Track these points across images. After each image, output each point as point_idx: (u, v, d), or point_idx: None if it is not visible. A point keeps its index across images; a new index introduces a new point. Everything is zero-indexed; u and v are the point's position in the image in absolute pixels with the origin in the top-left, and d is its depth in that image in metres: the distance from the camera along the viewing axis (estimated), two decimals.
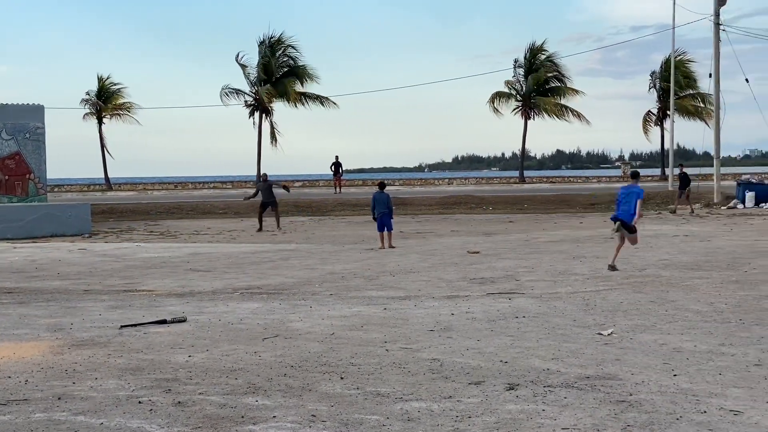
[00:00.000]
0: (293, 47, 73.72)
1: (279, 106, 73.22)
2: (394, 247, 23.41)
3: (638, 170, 21.90)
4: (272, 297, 14.99)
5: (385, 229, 24.05)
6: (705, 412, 7.32)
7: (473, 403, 7.73)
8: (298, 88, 72.53)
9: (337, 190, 56.91)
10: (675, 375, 8.66)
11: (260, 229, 31.90)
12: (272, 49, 72.13)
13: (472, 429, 7.01)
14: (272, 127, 72.06)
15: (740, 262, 18.46)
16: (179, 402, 7.94)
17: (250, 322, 12.40)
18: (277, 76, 72.03)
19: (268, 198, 32.50)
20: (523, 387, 8.28)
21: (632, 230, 17.76)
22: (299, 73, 72.80)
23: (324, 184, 69.63)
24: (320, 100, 73.18)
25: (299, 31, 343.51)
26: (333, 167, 58.22)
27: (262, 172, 38.61)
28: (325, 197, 51.36)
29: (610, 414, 7.31)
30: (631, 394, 7.93)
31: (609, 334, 10.88)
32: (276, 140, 71.97)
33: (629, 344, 10.30)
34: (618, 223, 17.79)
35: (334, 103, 73.48)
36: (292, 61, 73.62)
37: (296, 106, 72.81)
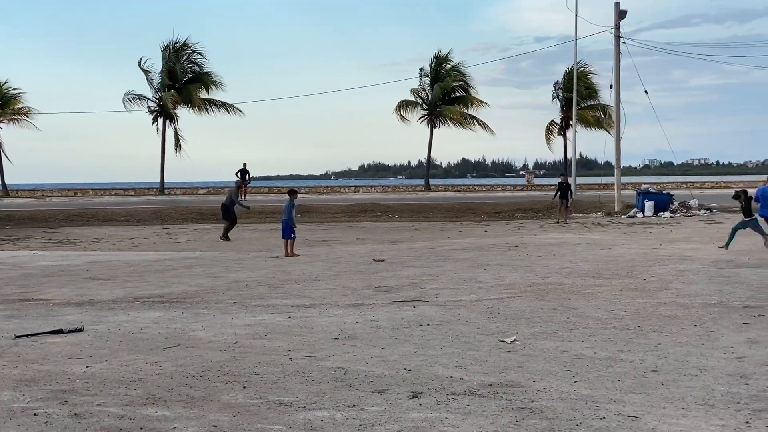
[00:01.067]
0: (198, 53, 73.17)
1: (183, 113, 72.59)
2: (297, 255, 23.34)
3: None
4: (174, 306, 14.78)
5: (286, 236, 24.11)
6: (604, 418, 7.42)
7: (377, 412, 7.71)
8: (203, 94, 71.97)
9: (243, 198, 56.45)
10: (575, 381, 8.77)
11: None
12: (177, 54, 71.43)
13: None
14: (176, 134, 71.35)
15: (639, 270, 18.82)
16: (76, 414, 7.75)
17: (150, 331, 12.19)
18: (182, 82, 71.36)
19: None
20: (426, 395, 8.29)
21: None
22: (204, 79, 72.26)
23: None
24: (225, 107, 72.70)
25: (205, 38, 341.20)
26: (239, 174, 57.69)
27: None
28: None
29: (512, 421, 7.36)
30: (532, 401, 8.00)
31: (512, 342, 10.98)
32: (180, 147, 71.26)
33: (531, 351, 10.40)
34: None
35: (240, 111, 73.08)
36: (197, 67, 73.06)
37: (201, 113, 72.19)
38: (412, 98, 78.09)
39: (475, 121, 77.26)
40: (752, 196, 23.64)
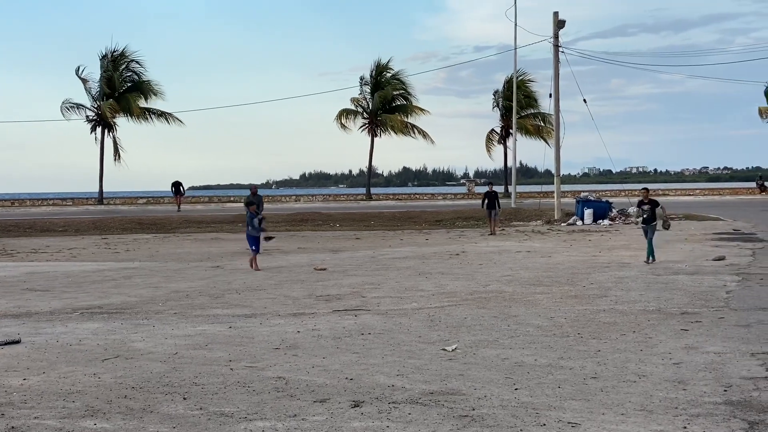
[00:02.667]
0: (137, 62, 72.65)
1: (122, 122, 71.96)
2: (258, 269, 22.35)
3: None
4: (113, 317, 14.61)
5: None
6: (544, 424, 7.47)
7: (318, 421, 7.69)
8: (142, 103, 71.41)
9: (179, 208, 56.52)
10: (516, 389, 8.82)
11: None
12: (115, 63, 70.85)
13: None
14: (115, 143, 70.74)
15: (579, 278, 18.99)
16: (13, 427, 7.63)
17: (89, 342, 12.04)
18: (120, 90, 70.73)
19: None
20: (368, 404, 8.28)
21: None
22: (143, 88, 71.74)
23: (169, 201, 68.52)
24: (165, 116, 72.18)
25: (144, 46, 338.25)
26: (173, 186, 57.65)
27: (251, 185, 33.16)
28: (169, 214, 50.59)
29: (453, 429, 7.38)
30: (473, 409, 8.03)
31: (453, 350, 11.01)
32: (119, 156, 70.67)
33: (472, 359, 10.45)
34: None
35: (179, 120, 72.61)
36: (136, 76, 72.51)
37: (140, 122, 71.61)
38: (353, 107, 78.19)
39: (415, 129, 77.62)
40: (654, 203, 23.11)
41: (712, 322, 12.88)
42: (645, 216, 22.60)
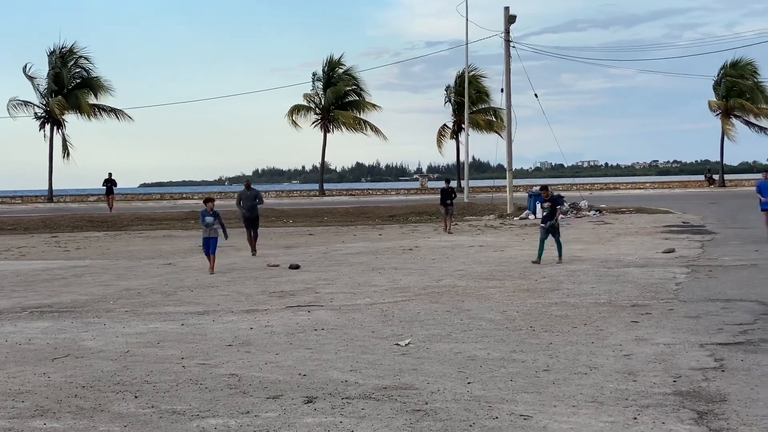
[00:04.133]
0: (86, 58, 71.79)
1: (72, 119, 71.13)
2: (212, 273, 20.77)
3: None
4: (64, 315, 14.47)
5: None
6: (497, 417, 7.51)
7: (271, 418, 7.67)
8: (92, 100, 70.66)
9: (110, 208, 51.80)
10: (469, 383, 8.86)
11: (254, 253, 25.98)
12: (63, 59, 70.01)
13: None
14: (64, 140, 69.91)
15: (531, 272, 19.11)
16: None
17: (39, 342, 11.91)
18: (69, 87, 69.93)
19: (251, 212, 26.87)
20: (321, 399, 8.27)
21: None
22: (93, 84, 70.96)
23: (120, 199, 67.90)
24: (115, 112, 71.51)
25: (93, 43, 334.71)
26: (105, 184, 54.24)
27: (246, 180, 29.04)
28: (121, 211, 50.13)
29: (406, 423, 7.39)
30: (426, 403, 8.05)
31: (406, 345, 11.03)
32: (69, 154, 69.84)
33: (426, 354, 10.47)
34: None
35: (129, 117, 71.97)
36: (85, 73, 71.69)
37: (90, 119, 70.88)
38: (305, 103, 77.93)
39: (367, 125, 77.50)
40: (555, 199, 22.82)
41: (662, 313, 13.02)
42: (545, 214, 21.99)
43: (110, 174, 54.08)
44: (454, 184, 38.14)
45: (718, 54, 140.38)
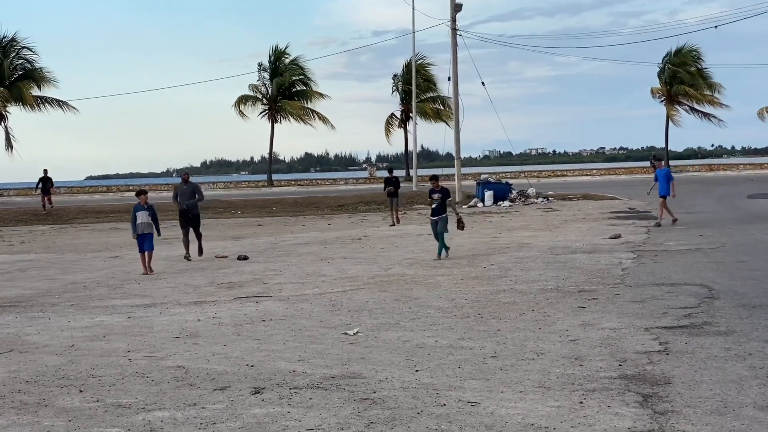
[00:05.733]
0: (29, 48, 70.59)
1: (15, 111, 70.02)
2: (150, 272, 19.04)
3: None
4: (7, 310, 14.28)
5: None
6: (444, 405, 7.53)
7: (218, 409, 7.62)
8: (35, 91, 69.60)
9: (47, 206, 46.40)
10: (417, 371, 8.87)
11: (188, 256, 21.84)
12: (5, 50, 68.92)
13: None
14: (7, 133, 68.82)
15: (480, 259, 19.19)
16: None
17: None
18: (12, 79, 68.86)
19: (189, 210, 22.51)
20: (269, 390, 8.24)
21: None
22: (36, 76, 69.86)
23: (65, 192, 67.10)
24: (60, 104, 70.55)
25: (35, 33, 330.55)
26: (39, 182, 47.27)
27: (183, 173, 24.12)
28: (67, 204, 49.57)
29: (354, 412, 7.38)
30: (374, 392, 8.04)
31: (354, 334, 11.02)
32: (12, 146, 68.81)
33: (374, 343, 10.47)
34: None
35: (75, 108, 71.02)
36: (28, 64, 70.60)
37: (34, 111, 69.87)
38: (252, 93, 77.50)
39: (315, 114, 77.23)
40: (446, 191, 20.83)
41: (608, 298, 13.13)
42: (434, 206, 20.44)
43: (45, 171, 47.49)
44: (398, 173, 37.50)
45: (662, 41, 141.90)
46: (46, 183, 46.76)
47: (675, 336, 10.20)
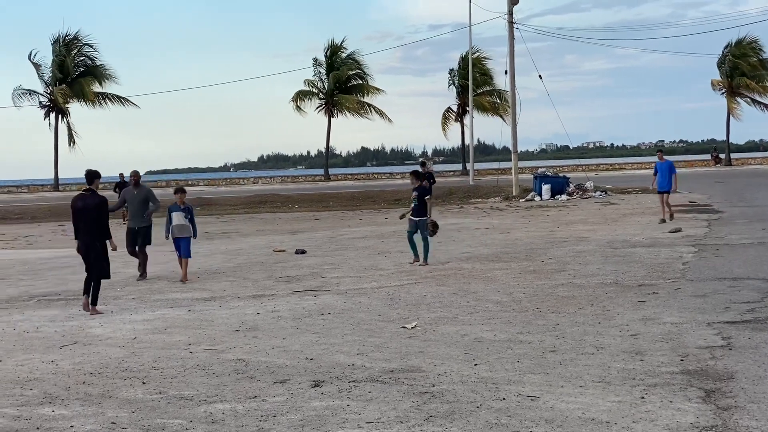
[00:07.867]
0: (90, 46, 71.85)
1: (76, 107, 71.13)
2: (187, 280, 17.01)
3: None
4: (71, 303, 14.50)
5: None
6: (504, 399, 7.51)
7: (278, 402, 7.68)
8: (96, 88, 70.62)
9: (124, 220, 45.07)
10: (476, 364, 8.85)
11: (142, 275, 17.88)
12: (68, 47, 70.00)
13: (277, 428, 6.95)
14: (69, 129, 69.97)
15: (537, 253, 19.09)
16: None
17: (47, 329, 11.94)
18: (74, 76, 69.91)
19: (137, 220, 18.62)
20: (328, 383, 8.28)
21: None
22: (97, 72, 70.94)
23: None
24: (120, 100, 71.50)
25: (97, 30, 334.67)
26: (116, 188, 43.04)
27: (132, 171, 20.05)
28: None
29: (413, 406, 7.39)
30: (433, 385, 8.05)
31: (413, 327, 11.03)
32: (74, 142, 69.89)
33: (432, 336, 10.47)
34: None
35: (134, 104, 72.00)
36: (89, 61, 71.69)
37: (95, 107, 70.89)
38: (308, 88, 77.84)
39: (372, 109, 77.44)
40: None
41: (669, 293, 13.00)
42: (414, 205, 18.35)
43: (122, 175, 37.18)
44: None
45: (723, 32, 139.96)
46: (122, 189, 44.72)
47: (738, 331, 10.08)
